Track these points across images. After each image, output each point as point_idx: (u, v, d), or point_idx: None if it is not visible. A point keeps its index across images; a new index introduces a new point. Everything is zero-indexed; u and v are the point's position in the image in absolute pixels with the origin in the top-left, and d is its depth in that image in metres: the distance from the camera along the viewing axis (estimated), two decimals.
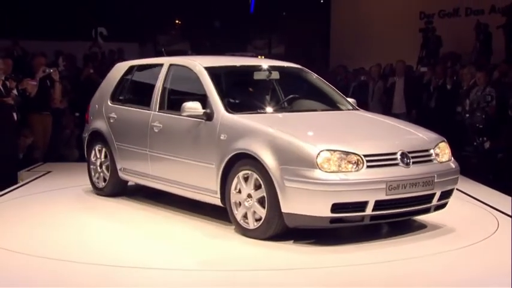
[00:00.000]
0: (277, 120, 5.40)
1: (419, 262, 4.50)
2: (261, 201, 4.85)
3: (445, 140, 5.39)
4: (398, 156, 4.83)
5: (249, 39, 20.11)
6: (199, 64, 5.74)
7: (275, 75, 6.12)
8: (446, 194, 5.16)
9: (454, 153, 5.59)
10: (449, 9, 15.14)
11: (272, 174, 4.69)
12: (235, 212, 5.05)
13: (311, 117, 5.61)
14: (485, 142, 8.04)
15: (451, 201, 5.36)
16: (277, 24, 19.63)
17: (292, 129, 5.00)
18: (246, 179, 4.96)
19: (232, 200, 5.06)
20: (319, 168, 4.57)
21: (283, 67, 6.35)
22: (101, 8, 17.59)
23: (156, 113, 5.90)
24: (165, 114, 5.84)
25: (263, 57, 19.52)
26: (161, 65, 6.16)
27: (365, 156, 4.70)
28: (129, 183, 6.56)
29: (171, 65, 6.06)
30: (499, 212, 5.88)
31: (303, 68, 6.43)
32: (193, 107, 5.30)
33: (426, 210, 5.11)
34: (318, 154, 4.60)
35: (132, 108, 6.29)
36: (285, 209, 4.67)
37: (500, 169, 7.76)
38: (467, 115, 8.72)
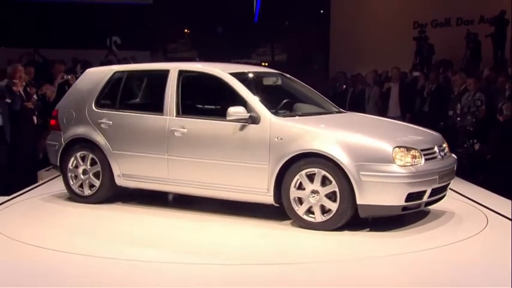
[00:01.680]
0: (324, 121, 5.54)
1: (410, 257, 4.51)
2: (329, 195, 4.97)
3: None
4: (436, 150, 5.26)
5: (254, 47, 20.15)
6: (222, 71, 5.67)
7: (279, 81, 6.15)
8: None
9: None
10: (441, 19, 15.17)
11: (348, 170, 4.86)
12: (295, 207, 5.10)
13: (341, 119, 5.85)
14: (475, 144, 8.03)
15: (444, 198, 5.49)
16: (280, 33, 19.67)
17: (354, 129, 5.26)
18: (309, 176, 5.03)
19: (292, 197, 5.09)
20: (395, 163, 4.86)
21: (267, 73, 6.47)
22: (115, 19, 17.67)
23: (175, 118, 5.60)
24: (188, 119, 5.57)
25: (267, 64, 19.60)
26: (166, 71, 5.85)
27: (422, 151, 5.07)
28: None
29: (181, 71, 5.80)
30: (488, 210, 5.89)
31: (283, 73, 6.42)
32: (239, 111, 5.22)
33: (443, 197, 5.48)
34: (393, 150, 4.91)
35: (134, 114, 5.88)
36: (360, 201, 4.87)
37: (489, 169, 7.76)
38: (459, 118, 8.73)
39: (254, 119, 5.26)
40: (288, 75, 6.37)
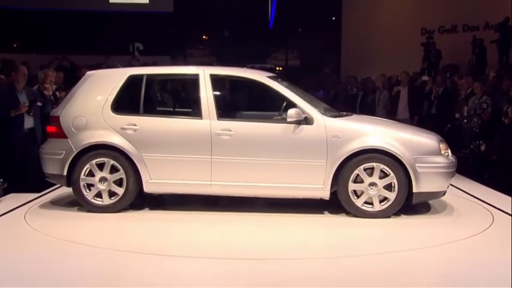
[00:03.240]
0: (367, 121, 5.87)
1: (420, 254, 4.50)
2: (386, 187, 5.36)
3: None
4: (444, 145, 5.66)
5: (268, 53, 20.17)
6: (263, 75, 5.72)
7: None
8: None
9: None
10: (448, 25, 15.08)
11: (407, 163, 5.29)
12: (353, 199, 5.40)
13: (372, 120, 6.17)
14: (481, 145, 7.98)
15: (451, 197, 5.66)
16: (294, 39, 19.68)
17: (397, 128, 5.72)
18: (366, 170, 5.35)
19: (350, 189, 5.38)
20: (442, 155, 5.43)
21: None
22: (138, 26, 17.82)
23: (217, 121, 5.46)
24: (234, 121, 5.54)
25: (281, 68, 19.61)
26: (195, 75, 5.70)
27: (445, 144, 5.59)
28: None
29: (212, 75, 5.66)
30: (493, 208, 5.87)
31: (278, 76, 6.36)
32: (298, 113, 5.35)
33: None
34: (439, 143, 5.46)
35: (165, 118, 5.65)
36: (416, 189, 5.31)
37: (494, 169, 7.72)
38: (465, 120, 8.68)
39: (308, 120, 5.41)
40: (280, 79, 6.16)
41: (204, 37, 21.10)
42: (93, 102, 5.66)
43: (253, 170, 5.40)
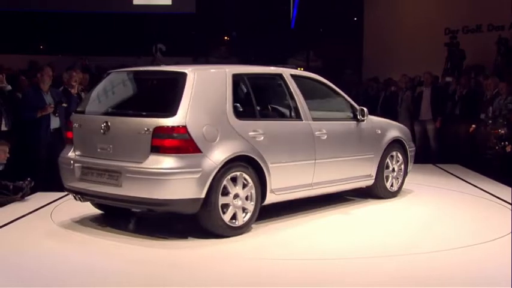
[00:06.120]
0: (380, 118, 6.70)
1: (440, 256, 4.46)
2: (395, 169, 6.43)
3: None
4: None
5: (291, 53, 20.15)
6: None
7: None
8: None
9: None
10: (472, 25, 14.86)
11: (408, 149, 6.58)
12: (386, 184, 6.33)
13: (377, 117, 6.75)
14: (506, 146, 7.88)
15: (476, 199, 5.57)
16: (316, 40, 19.62)
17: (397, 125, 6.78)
18: (392, 158, 6.39)
19: (385, 175, 6.29)
20: None
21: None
22: (160, 27, 17.96)
23: (314, 122, 5.47)
24: (325, 122, 5.65)
25: (302, 69, 19.55)
26: (278, 75, 5.48)
27: None
28: None
29: (291, 75, 5.55)
30: None
31: None
32: (367, 112, 6.04)
33: None
34: None
35: (279, 122, 5.36)
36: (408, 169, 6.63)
37: None
38: (490, 121, 8.56)
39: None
40: None
41: (226, 38, 21.16)
42: (215, 107, 4.75)
43: (340, 168, 5.72)
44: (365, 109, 6.04)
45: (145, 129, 4.51)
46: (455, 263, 4.26)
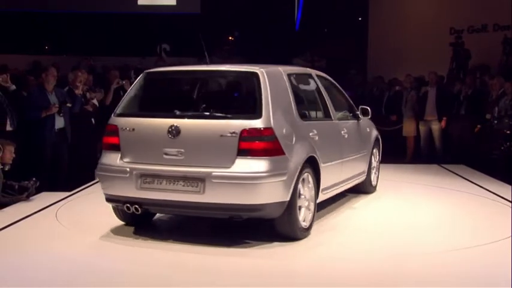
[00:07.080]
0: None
1: (449, 256, 4.44)
2: (375, 166, 6.78)
3: None
4: None
5: (295, 54, 20.13)
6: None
7: None
8: None
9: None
10: (477, 25, 14.82)
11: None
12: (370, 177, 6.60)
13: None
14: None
15: (481, 200, 5.48)
16: (320, 40, 19.60)
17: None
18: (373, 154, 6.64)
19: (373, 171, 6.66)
20: None
21: None
22: (165, 27, 17.98)
23: (338, 121, 5.57)
24: (345, 121, 5.86)
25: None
26: (309, 75, 5.51)
27: None
28: None
29: (317, 75, 5.63)
30: None
31: None
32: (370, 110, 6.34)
33: None
34: None
35: (324, 122, 5.36)
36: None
37: None
38: (496, 121, 8.53)
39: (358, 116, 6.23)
40: None
41: (230, 38, 21.15)
42: (285, 108, 4.63)
43: (352, 165, 5.86)
44: (368, 108, 6.24)
45: (231, 132, 4.28)
46: (457, 263, 4.24)
